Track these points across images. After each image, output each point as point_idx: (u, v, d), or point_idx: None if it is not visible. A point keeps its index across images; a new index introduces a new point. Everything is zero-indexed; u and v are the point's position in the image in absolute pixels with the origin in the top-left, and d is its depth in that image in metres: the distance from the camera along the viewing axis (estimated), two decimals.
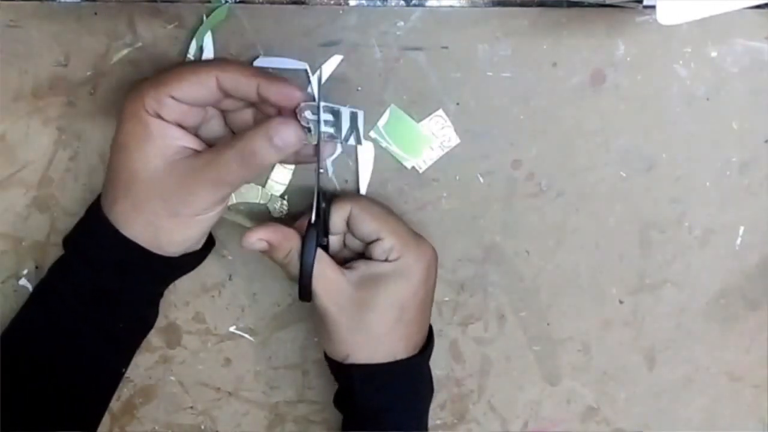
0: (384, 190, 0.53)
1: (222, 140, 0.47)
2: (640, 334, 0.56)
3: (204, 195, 0.45)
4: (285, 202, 0.53)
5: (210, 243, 0.51)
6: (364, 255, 0.49)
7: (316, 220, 0.47)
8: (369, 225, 0.48)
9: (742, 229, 0.54)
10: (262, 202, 0.53)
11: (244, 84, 0.44)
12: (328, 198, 0.49)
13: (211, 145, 0.46)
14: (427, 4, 0.50)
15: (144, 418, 0.56)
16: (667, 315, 0.55)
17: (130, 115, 0.44)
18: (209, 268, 0.54)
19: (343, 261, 0.49)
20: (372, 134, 0.52)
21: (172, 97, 0.44)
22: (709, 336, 0.56)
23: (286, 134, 0.44)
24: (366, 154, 0.52)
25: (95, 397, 0.51)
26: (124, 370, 0.52)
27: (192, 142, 0.45)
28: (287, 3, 0.50)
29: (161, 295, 0.52)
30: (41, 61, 0.50)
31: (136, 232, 0.45)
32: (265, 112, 0.46)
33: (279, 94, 0.44)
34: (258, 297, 0.55)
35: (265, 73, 0.45)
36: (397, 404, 0.49)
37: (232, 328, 0.55)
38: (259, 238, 0.46)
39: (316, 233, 0.47)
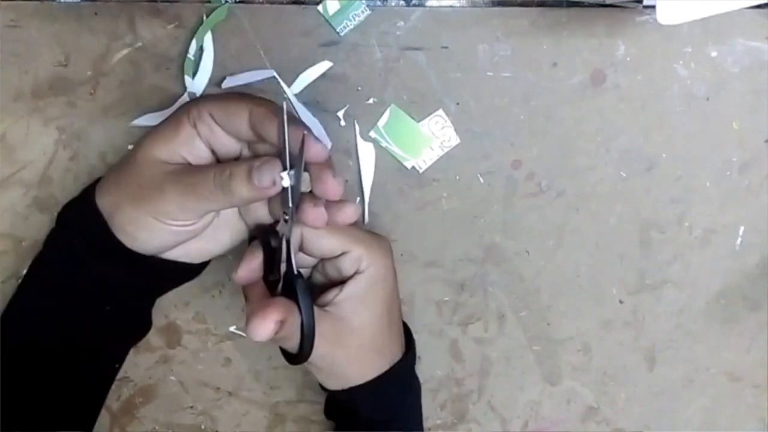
0: (384, 190, 0.53)
1: None
2: (640, 334, 0.56)
3: (169, 197, 0.43)
4: None
5: (203, 265, 0.50)
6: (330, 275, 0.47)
7: (298, 274, 0.44)
8: (329, 241, 0.45)
9: (742, 229, 0.54)
10: None
11: (269, 122, 0.43)
12: (274, 231, 0.45)
13: None
14: (427, 4, 0.50)
15: (144, 418, 0.56)
16: (667, 315, 0.55)
17: (176, 114, 0.45)
18: (209, 267, 0.54)
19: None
20: (372, 134, 0.52)
21: (210, 116, 0.44)
22: (709, 336, 0.56)
23: (263, 175, 0.42)
24: (367, 156, 0.52)
25: (87, 388, 0.50)
26: (118, 366, 0.52)
27: (203, 161, 0.45)
28: (287, 3, 0.50)
29: (151, 296, 0.51)
30: (41, 61, 0.50)
31: (103, 206, 0.45)
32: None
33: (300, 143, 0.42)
34: None
35: (291, 117, 0.43)
36: (401, 408, 0.49)
37: (232, 328, 0.55)
38: (275, 320, 0.42)
39: (308, 290, 0.44)
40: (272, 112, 0.43)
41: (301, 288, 0.43)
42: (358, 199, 0.53)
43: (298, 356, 0.44)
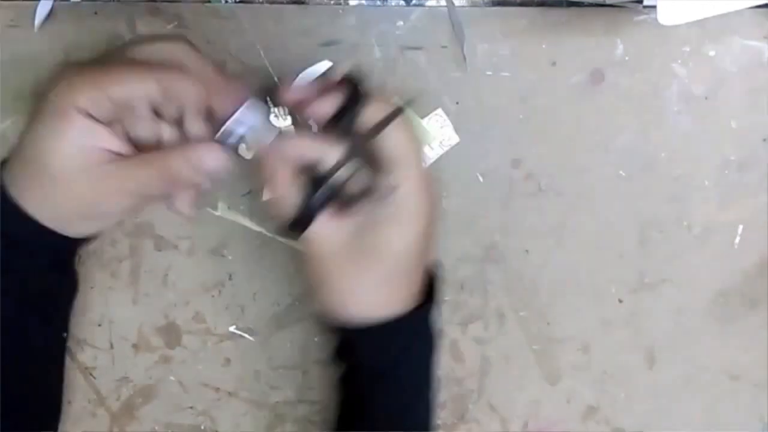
0: None
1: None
2: (640, 333, 0.56)
3: (114, 204, 0.44)
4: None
5: None
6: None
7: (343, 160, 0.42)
8: (399, 149, 0.43)
9: (741, 228, 0.54)
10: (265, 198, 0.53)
11: (184, 90, 0.43)
12: (362, 92, 0.43)
13: (135, 144, 0.45)
14: (427, 4, 0.50)
15: (144, 418, 0.56)
16: (666, 314, 0.55)
17: (56, 108, 0.42)
18: (209, 267, 0.54)
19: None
20: None
21: (109, 98, 0.42)
22: (708, 335, 0.56)
23: (208, 159, 0.42)
24: None
25: (39, 365, 0.48)
26: (65, 334, 0.50)
27: (117, 146, 0.43)
28: (287, 3, 0.50)
29: (74, 257, 0.49)
30: (41, 61, 0.50)
31: (43, 217, 0.44)
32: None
33: (225, 100, 0.43)
34: (258, 297, 0.54)
35: (214, 77, 0.43)
36: (403, 361, 0.46)
37: (232, 328, 0.55)
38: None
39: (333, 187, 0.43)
40: (181, 77, 0.42)
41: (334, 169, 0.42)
42: None
43: (294, 223, 0.43)
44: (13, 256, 0.45)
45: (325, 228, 0.44)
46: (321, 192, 0.43)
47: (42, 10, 0.49)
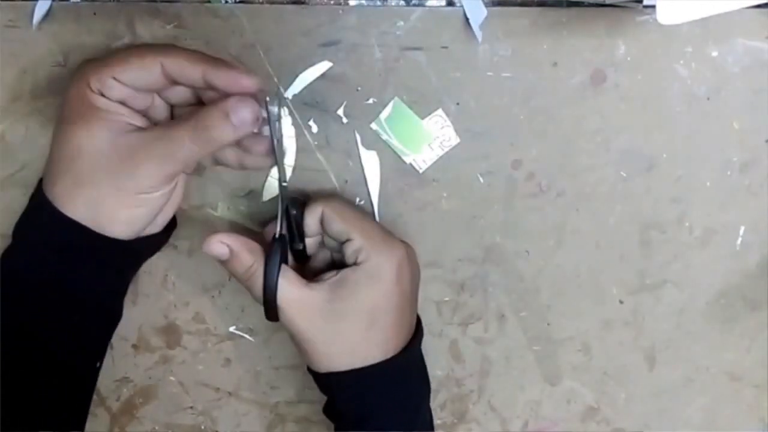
0: (384, 190, 0.53)
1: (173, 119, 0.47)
2: (640, 334, 0.56)
3: (150, 169, 0.44)
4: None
5: (171, 226, 0.51)
6: (340, 258, 0.48)
7: (281, 235, 0.46)
8: (338, 225, 0.47)
9: (742, 229, 0.54)
10: (265, 199, 0.53)
11: (189, 70, 0.43)
12: (302, 202, 0.49)
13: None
14: (427, 4, 0.50)
15: (144, 418, 0.56)
16: (667, 315, 0.55)
17: (74, 95, 0.44)
18: (209, 268, 0.54)
19: (323, 262, 0.50)
20: (373, 126, 0.52)
21: (116, 79, 0.43)
22: (709, 336, 0.56)
23: (243, 112, 0.42)
24: (371, 164, 0.52)
25: (68, 395, 0.49)
26: (99, 364, 0.50)
27: (139, 120, 0.45)
28: (287, 3, 0.50)
29: (123, 282, 0.50)
30: (40, 62, 0.50)
31: (78, 211, 0.44)
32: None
33: (227, 79, 0.43)
34: None
35: (212, 58, 0.44)
36: (380, 409, 0.47)
37: (232, 328, 0.55)
38: (220, 241, 0.46)
39: (280, 249, 0.46)
40: (188, 58, 0.43)
41: (275, 246, 0.46)
42: (358, 200, 0.53)
43: (265, 311, 0.46)
44: (57, 275, 0.46)
45: (298, 294, 0.46)
46: (271, 262, 0.45)
47: (40, 10, 0.49)
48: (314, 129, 0.52)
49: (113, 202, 0.44)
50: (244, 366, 0.56)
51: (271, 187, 0.52)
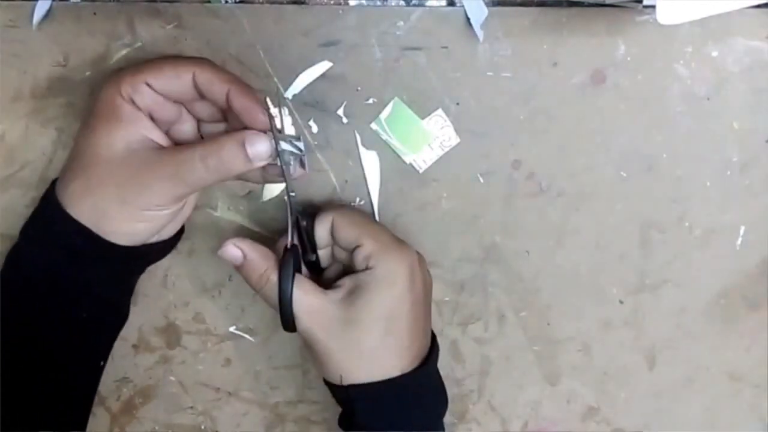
0: (384, 190, 0.53)
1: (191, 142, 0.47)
2: (640, 334, 0.56)
3: (159, 189, 0.44)
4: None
5: (179, 234, 0.51)
6: (352, 268, 0.48)
7: (293, 245, 0.46)
8: (348, 232, 0.47)
9: (742, 229, 0.54)
10: (264, 199, 0.53)
11: (217, 85, 0.44)
12: (312, 213, 0.48)
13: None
14: (427, 4, 0.50)
15: (144, 418, 0.56)
16: (667, 315, 0.55)
17: (104, 99, 0.45)
18: (209, 268, 0.54)
19: (335, 274, 0.49)
20: (373, 126, 0.52)
21: (148, 85, 0.44)
22: (709, 336, 0.56)
23: (259, 146, 0.43)
24: (371, 164, 0.52)
25: (71, 393, 0.49)
26: (103, 363, 0.50)
27: (159, 137, 0.45)
28: (287, 3, 0.50)
29: (129, 284, 0.51)
30: (40, 62, 0.50)
31: (83, 215, 0.45)
32: (235, 128, 0.46)
33: (244, 107, 0.44)
34: (258, 297, 0.54)
35: (241, 81, 0.45)
36: (400, 423, 0.47)
37: (232, 328, 0.55)
38: (234, 244, 0.46)
39: (293, 258, 0.46)
40: (218, 74, 0.44)
41: (288, 256, 0.46)
42: (358, 200, 0.53)
43: (282, 321, 0.46)
44: (63, 273, 0.46)
45: (313, 302, 0.46)
46: (285, 272, 0.45)
47: (40, 10, 0.49)
48: (314, 129, 0.52)
49: (117, 215, 0.45)
50: (244, 366, 0.56)
51: (271, 187, 0.52)
